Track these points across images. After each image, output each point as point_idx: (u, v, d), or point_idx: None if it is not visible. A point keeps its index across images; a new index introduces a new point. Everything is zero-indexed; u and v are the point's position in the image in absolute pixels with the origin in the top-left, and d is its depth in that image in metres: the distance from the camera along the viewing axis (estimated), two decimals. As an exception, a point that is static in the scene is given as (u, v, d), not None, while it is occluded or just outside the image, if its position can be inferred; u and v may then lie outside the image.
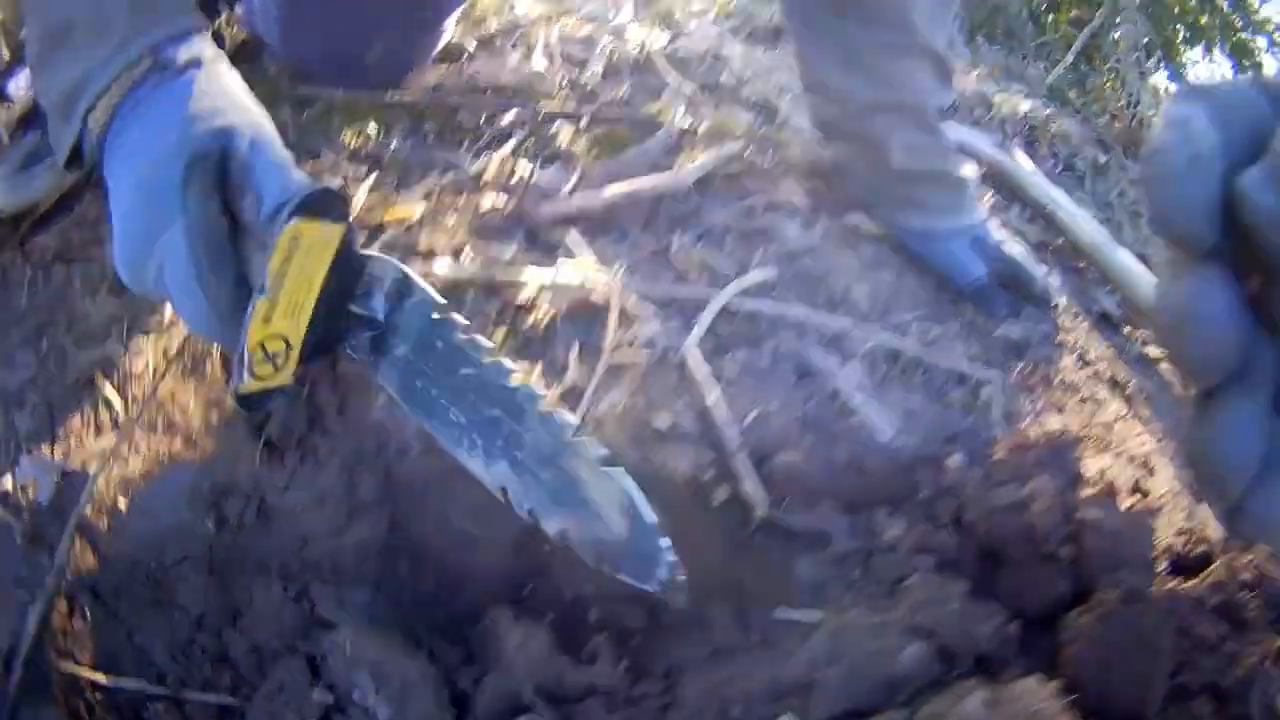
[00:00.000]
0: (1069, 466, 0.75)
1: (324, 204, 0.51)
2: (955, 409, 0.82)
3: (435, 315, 0.57)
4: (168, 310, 0.72)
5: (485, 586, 0.65)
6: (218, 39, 0.62)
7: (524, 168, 0.85)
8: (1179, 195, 0.28)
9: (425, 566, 0.66)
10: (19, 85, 0.81)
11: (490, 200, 0.80)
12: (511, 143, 0.88)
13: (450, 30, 1.03)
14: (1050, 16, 4.39)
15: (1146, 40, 4.07)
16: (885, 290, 0.91)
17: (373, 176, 0.82)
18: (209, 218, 0.51)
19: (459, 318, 0.57)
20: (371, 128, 0.89)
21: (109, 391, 0.68)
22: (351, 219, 0.54)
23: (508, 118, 0.92)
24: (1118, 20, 4.77)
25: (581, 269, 0.75)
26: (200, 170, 0.51)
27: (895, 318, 0.88)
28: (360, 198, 0.79)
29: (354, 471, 0.65)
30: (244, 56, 1.00)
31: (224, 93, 0.56)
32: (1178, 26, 4.85)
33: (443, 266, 0.73)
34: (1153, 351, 1.06)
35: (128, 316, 0.72)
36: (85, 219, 0.80)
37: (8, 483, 0.62)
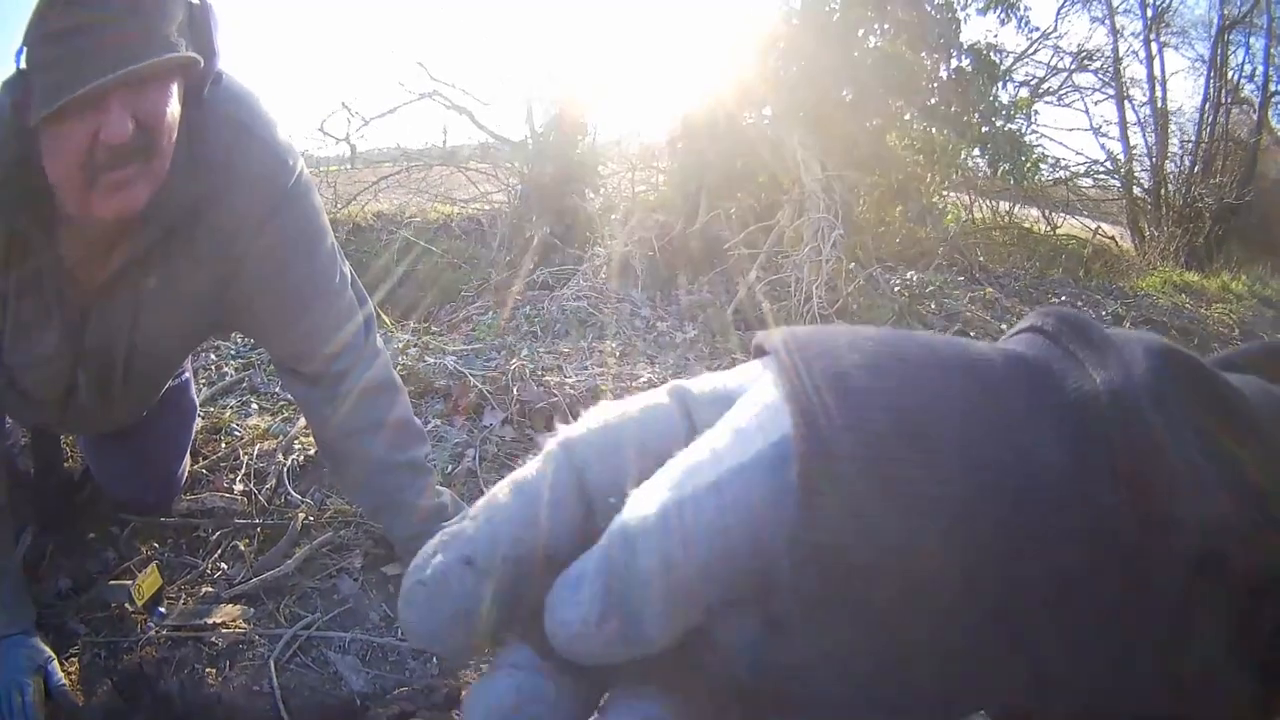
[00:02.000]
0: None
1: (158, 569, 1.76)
2: (413, 670, 2.11)
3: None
4: None
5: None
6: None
7: (224, 567, 2.08)
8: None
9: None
10: None
11: (205, 588, 2.02)
12: (219, 551, 2.11)
13: (187, 467, 2.24)
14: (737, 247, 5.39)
15: (840, 227, 5.06)
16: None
17: (156, 569, 2.02)
18: None
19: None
20: (155, 544, 2.08)
21: None
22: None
23: (218, 533, 2.15)
24: (803, 214, 5.80)
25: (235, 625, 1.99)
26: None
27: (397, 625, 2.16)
28: (154, 576, 1.99)
29: None
30: (87, 477, 2.18)
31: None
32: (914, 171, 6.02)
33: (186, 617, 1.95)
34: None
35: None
36: None
37: None
